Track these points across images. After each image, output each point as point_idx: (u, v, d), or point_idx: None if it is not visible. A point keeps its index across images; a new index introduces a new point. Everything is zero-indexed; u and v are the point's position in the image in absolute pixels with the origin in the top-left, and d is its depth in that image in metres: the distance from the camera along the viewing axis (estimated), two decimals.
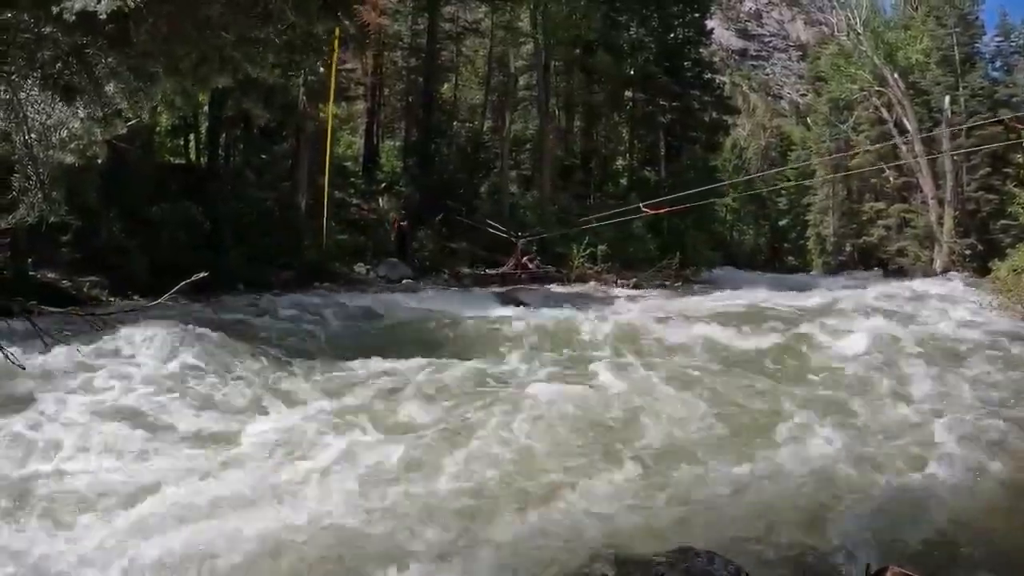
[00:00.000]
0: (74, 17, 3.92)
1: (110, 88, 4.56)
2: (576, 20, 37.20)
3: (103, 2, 3.83)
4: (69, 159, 5.20)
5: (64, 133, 4.91)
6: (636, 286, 28.57)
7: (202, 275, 4.48)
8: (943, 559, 5.21)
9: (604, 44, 39.75)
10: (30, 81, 4.48)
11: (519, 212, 34.89)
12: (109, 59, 4.36)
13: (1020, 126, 31.19)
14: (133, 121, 5.19)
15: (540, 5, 36.29)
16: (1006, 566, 5.11)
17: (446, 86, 41.51)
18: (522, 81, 41.08)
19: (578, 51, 39.73)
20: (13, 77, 4.45)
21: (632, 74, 41.13)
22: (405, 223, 30.89)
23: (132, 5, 3.81)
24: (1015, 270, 20.52)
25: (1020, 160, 41.05)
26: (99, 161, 5.86)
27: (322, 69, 18.70)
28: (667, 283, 30.87)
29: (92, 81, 4.43)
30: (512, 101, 38.38)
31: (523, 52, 39.32)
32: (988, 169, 45.37)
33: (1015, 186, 41.22)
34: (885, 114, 46.73)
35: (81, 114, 4.75)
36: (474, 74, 45.13)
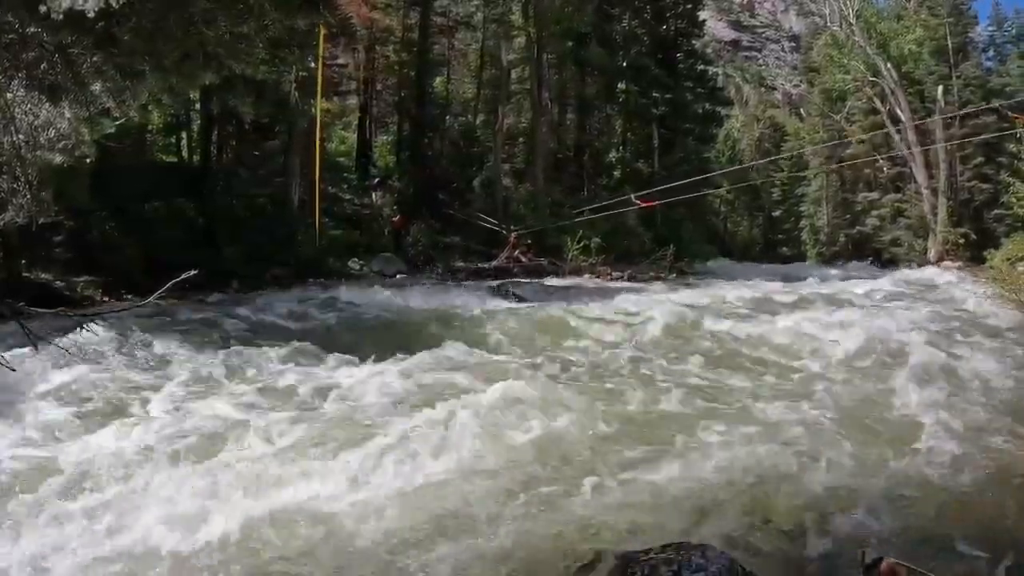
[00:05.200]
0: (62, 16, 3.90)
1: (96, 87, 4.54)
2: (569, 12, 37.16)
3: (90, 0, 3.81)
4: (58, 159, 5.19)
5: (52, 133, 4.89)
6: (631, 278, 28.56)
7: (191, 273, 4.45)
8: (937, 550, 5.20)
9: (597, 36, 39.69)
10: (15, 82, 4.46)
11: (513, 205, 34.90)
12: (94, 58, 4.34)
13: (1015, 115, 31.16)
14: (121, 120, 5.17)
15: None
16: (1000, 557, 5.10)
17: (438, 80, 41.50)
18: (514, 74, 41.01)
19: (571, 44, 39.62)
20: None
21: (625, 66, 41.13)
22: (399, 218, 30.89)
23: (117, 4, 3.79)
24: (1009, 259, 20.58)
25: (1013, 149, 41.07)
26: (88, 161, 5.85)
27: (313, 64, 18.71)
28: (662, 275, 30.89)
29: (77, 80, 4.41)
30: (505, 94, 38.28)
31: (515, 45, 39.24)
32: (982, 158, 45.45)
33: (1009, 175, 41.29)
34: (878, 104, 46.71)
35: (68, 114, 4.74)
36: (466, 68, 45.15)
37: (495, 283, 23.95)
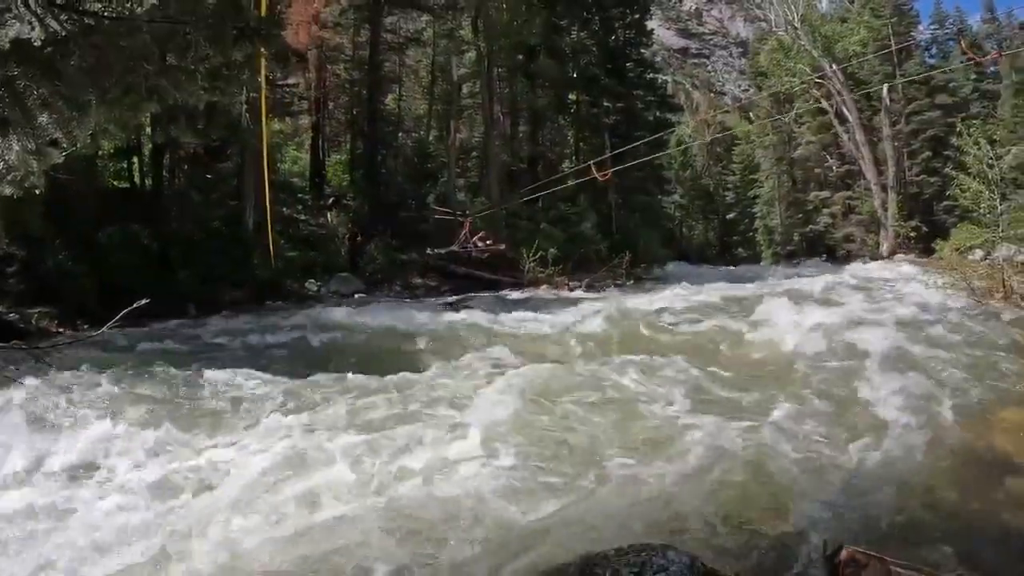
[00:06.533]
0: (8, 45, 3.92)
1: (43, 119, 4.55)
2: (518, 26, 37.22)
3: (36, 29, 3.84)
4: (8, 191, 5.17)
5: (1, 166, 4.89)
6: (588, 287, 28.64)
7: (144, 302, 4.47)
8: (898, 536, 5.31)
9: (546, 48, 39.83)
10: None
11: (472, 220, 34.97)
12: (40, 90, 4.35)
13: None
14: (70, 150, 5.16)
15: (482, 12, 36.36)
16: (959, 540, 5.21)
17: (390, 97, 41.43)
18: (465, 89, 41.13)
19: (520, 57, 39.74)
20: None
21: (575, 77, 41.30)
22: (356, 237, 30.77)
23: (63, 31, 3.82)
24: (957, 249, 20.96)
25: (957, 144, 41.81)
26: (38, 191, 5.82)
27: (256, 93, 18.62)
28: (619, 282, 31.02)
29: (25, 113, 4.42)
30: (456, 109, 38.41)
31: (466, 60, 39.38)
32: (929, 153, 46.25)
33: (953, 169, 42.02)
34: (825, 105, 47.37)
35: (16, 146, 4.73)
36: (418, 84, 45.20)
37: (452, 299, 23.96)
